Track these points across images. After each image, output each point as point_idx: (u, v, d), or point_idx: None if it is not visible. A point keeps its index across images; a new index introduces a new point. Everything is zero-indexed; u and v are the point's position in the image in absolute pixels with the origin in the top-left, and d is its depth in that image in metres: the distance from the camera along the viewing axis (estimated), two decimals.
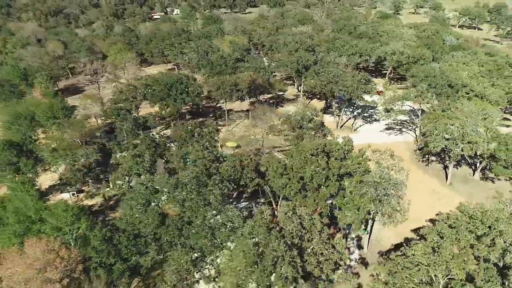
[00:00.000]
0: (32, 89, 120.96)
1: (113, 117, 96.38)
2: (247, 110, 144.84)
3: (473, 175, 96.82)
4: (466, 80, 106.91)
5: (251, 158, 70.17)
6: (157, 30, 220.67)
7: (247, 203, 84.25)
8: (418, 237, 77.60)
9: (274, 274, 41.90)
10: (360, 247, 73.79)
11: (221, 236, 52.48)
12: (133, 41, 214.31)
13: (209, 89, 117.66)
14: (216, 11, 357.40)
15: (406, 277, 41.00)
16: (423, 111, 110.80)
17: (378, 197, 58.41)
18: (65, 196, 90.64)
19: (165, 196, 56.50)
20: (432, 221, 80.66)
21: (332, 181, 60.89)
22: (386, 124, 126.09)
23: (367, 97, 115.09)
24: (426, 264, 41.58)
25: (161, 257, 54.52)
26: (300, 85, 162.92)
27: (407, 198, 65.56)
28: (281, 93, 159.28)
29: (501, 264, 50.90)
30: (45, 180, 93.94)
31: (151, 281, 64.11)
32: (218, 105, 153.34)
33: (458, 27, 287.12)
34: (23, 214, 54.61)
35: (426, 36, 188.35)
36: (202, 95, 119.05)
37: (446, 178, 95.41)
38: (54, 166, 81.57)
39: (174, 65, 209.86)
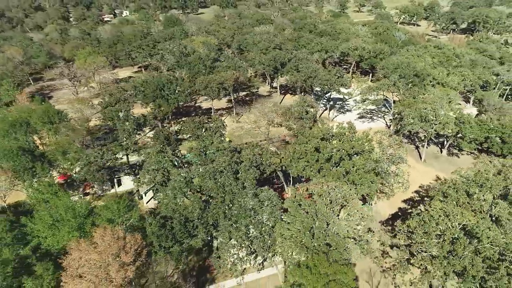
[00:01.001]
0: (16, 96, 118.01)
1: (112, 118, 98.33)
2: (227, 108, 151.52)
3: (441, 152, 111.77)
4: (430, 70, 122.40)
5: (265, 147, 77.58)
6: (119, 32, 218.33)
7: None
8: (409, 206, 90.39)
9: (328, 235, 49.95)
10: None
11: (263, 213, 59.38)
12: (95, 44, 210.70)
13: (197, 88, 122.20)
14: (172, 12, 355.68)
15: (433, 226, 51.01)
16: (387, 100, 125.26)
17: (386, 170, 68.75)
18: (73, 199, 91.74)
19: (208, 183, 62.03)
20: (417, 192, 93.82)
21: (345, 160, 70.17)
22: (358, 114, 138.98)
23: (343, 89, 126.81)
24: (445, 215, 51.90)
25: (209, 238, 60.27)
26: (273, 82, 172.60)
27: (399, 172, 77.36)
28: (254, 90, 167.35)
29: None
30: None
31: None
32: (196, 104, 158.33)
33: (400, 23, 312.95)
34: (76, 210, 57.63)
35: (378, 33, 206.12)
36: (193, 95, 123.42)
37: (420, 157, 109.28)
38: (65, 168, 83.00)
39: (139, 67, 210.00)
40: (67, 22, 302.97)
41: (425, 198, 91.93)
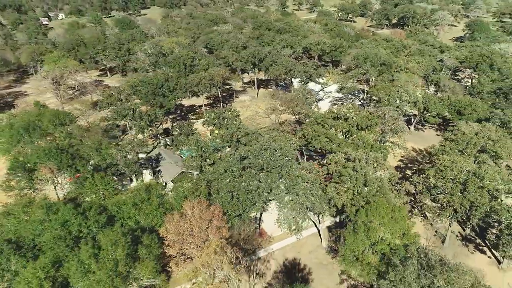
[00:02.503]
0: None
1: (125, 116, 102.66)
2: (208, 104, 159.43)
3: (409, 128, 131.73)
4: (394, 59, 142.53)
5: (286, 130, 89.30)
6: (77, 36, 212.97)
7: None
8: (398, 172, 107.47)
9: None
10: None
11: (310, 179, 71.10)
12: (50, 48, 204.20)
13: (189, 85, 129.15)
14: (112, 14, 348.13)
15: (448, 172, 66.75)
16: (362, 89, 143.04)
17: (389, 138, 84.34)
18: None
19: (258, 159, 72.27)
20: (401, 160, 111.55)
21: (358, 134, 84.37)
22: (329, 102, 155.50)
23: (320, 80, 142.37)
24: (453, 165, 68.02)
25: (265, 205, 70.69)
26: (243, 78, 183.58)
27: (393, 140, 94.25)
28: (227, 86, 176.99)
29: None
30: None
31: None
32: (177, 102, 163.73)
33: (339, 20, 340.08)
34: (154, 192, 64.71)
35: (330, 29, 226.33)
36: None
37: None
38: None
39: (101, 70, 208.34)
40: (4, 27, 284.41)
41: (409, 164, 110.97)
